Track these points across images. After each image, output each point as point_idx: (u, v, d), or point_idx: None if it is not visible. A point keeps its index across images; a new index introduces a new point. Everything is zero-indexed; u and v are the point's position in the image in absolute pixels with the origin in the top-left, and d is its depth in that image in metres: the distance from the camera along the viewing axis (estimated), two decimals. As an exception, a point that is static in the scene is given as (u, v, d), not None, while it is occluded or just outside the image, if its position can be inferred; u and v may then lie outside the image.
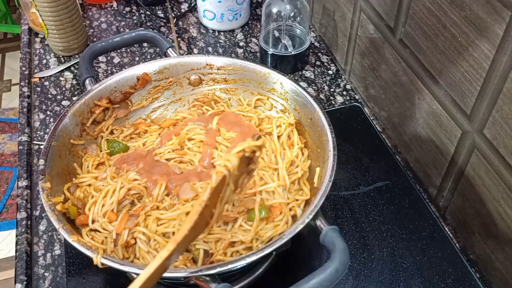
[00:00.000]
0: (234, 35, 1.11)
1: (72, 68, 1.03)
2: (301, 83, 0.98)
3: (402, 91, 0.79)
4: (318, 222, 0.54)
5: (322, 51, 1.06)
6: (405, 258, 0.70)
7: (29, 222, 0.75)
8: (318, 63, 1.03)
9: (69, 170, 0.65)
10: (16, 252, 0.71)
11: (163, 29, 1.12)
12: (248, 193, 0.61)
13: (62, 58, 1.06)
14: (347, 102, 0.94)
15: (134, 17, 1.17)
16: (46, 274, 0.70)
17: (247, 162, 0.54)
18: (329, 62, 1.03)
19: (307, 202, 0.62)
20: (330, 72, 1.01)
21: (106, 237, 0.58)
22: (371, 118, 0.91)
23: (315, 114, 0.66)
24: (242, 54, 1.06)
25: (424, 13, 0.67)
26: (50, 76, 1.01)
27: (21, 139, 0.88)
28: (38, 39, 1.11)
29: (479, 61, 0.59)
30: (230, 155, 0.50)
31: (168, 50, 0.77)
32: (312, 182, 0.63)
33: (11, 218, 1.86)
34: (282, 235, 0.53)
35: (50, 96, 0.97)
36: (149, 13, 1.17)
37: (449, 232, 0.73)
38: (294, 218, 0.60)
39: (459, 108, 0.65)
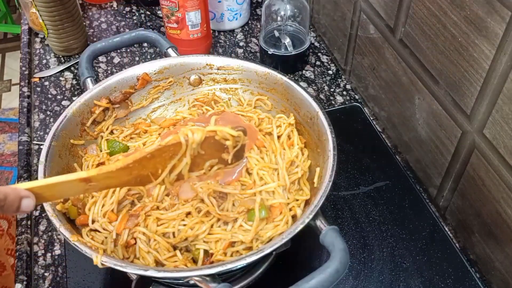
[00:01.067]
0: (234, 35, 1.11)
1: (72, 68, 1.03)
2: (301, 83, 0.98)
3: (402, 91, 0.79)
4: (318, 222, 0.54)
5: (322, 51, 1.06)
6: (405, 258, 0.70)
7: (29, 222, 0.75)
8: (318, 63, 1.03)
9: (69, 170, 0.65)
10: (16, 252, 0.71)
11: (163, 29, 1.12)
12: (248, 193, 0.61)
13: (62, 58, 1.06)
14: (347, 102, 0.94)
15: (134, 17, 1.17)
16: (46, 274, 0.70)
17: (220, 148, 0.52)
18: (329, 62, 1.03)
19: (307, 202, 0.62)
20: (330, 72, 1.01)
21: (106, 237, 0.58)
22: (371, 118, 0.91)
23: (315, 114, 0.66)
24: (242, 54, 1.06)
25: (424, 13, 0.67)
26: (50, 76, 1.01)
27: (21, 139, 0.88)
28: (38, 39, 1.11)
29: (479, 61, 0.59)
30: (197, 129, 0.50)
31: (168, 50, 0.76)
32: (312, 182, 0.63)
33: (11, 218, 1.86)
34: (282, 235, 0.53)
35: (50, 96, 0.97)
36: (149, 13, 1.17)
37: (449, 232, 0.73)
38: (294, 218, 0.60)
39: (459, 108, 0.65)
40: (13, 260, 0.67)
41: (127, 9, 1.20)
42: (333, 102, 0.94)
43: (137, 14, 1.18)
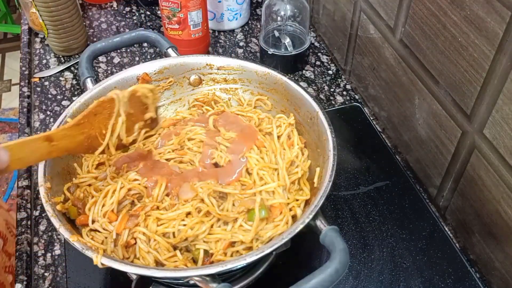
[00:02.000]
0: (234, 35, 1.11)
1: (72, 68, 1.03)
2: (301, 83, 0.98)
3: (402, 91, 0.79)
4: (318, 222, 0.54)
5: (322, 51, 1.06)
6: (405, 258, 0.70)
7: (29, 222, 0.75)
8: (318, 63, 1.03)
9: (69, 170, 0.65)
10: (16, 252, 0.71)
11: (163, 29, 1.12)
12: (248, 193, 0.61)
13: (62, 58, 1.06)
14: (347, 102, 0.94)
15: (134, 17, 1.17)
16: (46, 274, 0.70)
17: (143, 108, 0.63)
18: (329, 62, 1.03)
19: (307, 202, 0.62)
20: (330, 72, 1.01)
21: (106, 237, 0.58)
22: (371, 118, 0.91)
23: (315, 114, 0.66)
24: (242, 54, 1.06)
25: (424, 13, 0.67)
26: (50, 76, 1.01)
27: (21, 139, 0.87)
28: (38, 39, 1.11)
29: (479, 61, 0.59)
30: (122, 91, 0.60)
31: (168, 50, 0.77)
32: (312, 182, 0.63)
33: (11, 218, 1.86)
34: (282, 235, 0.53)
35: (50, 96, 0.97)
36: (149, 13, 1.17)
37: (449, 232, 0.73)
38: (294, 218, 0.60)
39: (459, 108, 0.65)
40: (12, 278, 0.67)
41: (127, 9, 1.20)
42: (333, 102, 0.94)
43: (137, 14, 1.18)
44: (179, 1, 0.92)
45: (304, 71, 1.01)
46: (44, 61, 1.05)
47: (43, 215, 0.77)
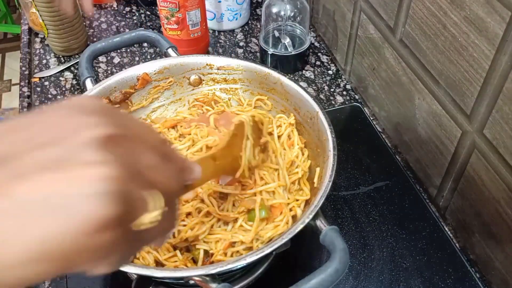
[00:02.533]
0: (234, 35, 1.11)
1: (72, 68, 1.03)
2: (301, 83, 0.98)
3: (402, 91, 0.79)
4: (318, 222, 0.54)
5: (322, 51, 1.06)
6: (405, 258, 0.70)
7: (29, 222, 0.75)
8: (318, 63, 1.03)
9: (69, 170, 0.65)
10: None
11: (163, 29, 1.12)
12: (249, 193, 0.61)
13: (62, 58, 1.06)
14: (347, 102, 0.94)
15: (134, 17, 1.17)
16: (46, 274, 0.69)
17: (259, 134, 0.61)
18: (329, 62, 1.03)
19: (307, 202, 0.62)
20: (330, 72, 1.01)
21: (106, 237, 0.58)
22: (371, 118, 0.91)
23: (315, 114, 0.66)
24: (242, 54, 1.06)
25: (424, 13, 0.67)
26: (50, 76, 1.01)
27: (21, 139, 0.87)
28: (38, 39, 1.11)
29: (479, 61, 0.59)
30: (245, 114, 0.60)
31: (168, 50, 0.76)
32: (312, 182, 0.63)
33: (11, 218, 1.86)
34: (282, 235, 0.53)
35: (50, 96, 0.97)
36: (149, 13, 1.17)
37: (449, 232, 0.73)
38: (294, 218, 0.60)
39: (459, 108, 0.65)
40: None
41: (127, 9, 1.20)
42: (333, 102, 0.94)
43: (137, 14, 1.18)
44: (177, 1, 0.92)
45: (304, 71, 1.01)
46: (44, 61, 1.05)
47: (43, 215, 0.77)
